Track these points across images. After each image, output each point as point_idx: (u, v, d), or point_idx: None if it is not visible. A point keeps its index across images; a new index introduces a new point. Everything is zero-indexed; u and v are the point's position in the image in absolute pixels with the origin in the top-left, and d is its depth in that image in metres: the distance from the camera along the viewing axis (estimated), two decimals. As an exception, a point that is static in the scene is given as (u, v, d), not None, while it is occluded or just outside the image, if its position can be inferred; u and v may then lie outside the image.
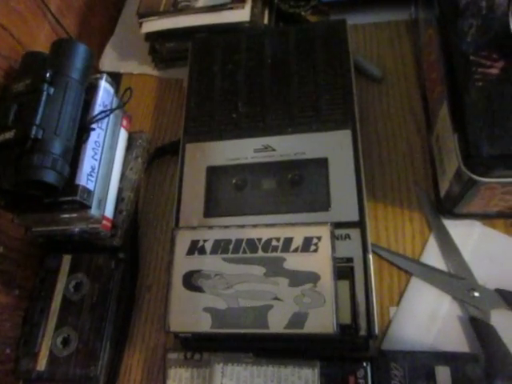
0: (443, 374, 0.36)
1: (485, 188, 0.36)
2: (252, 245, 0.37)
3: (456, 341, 0.39)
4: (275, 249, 0.37)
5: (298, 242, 0.37)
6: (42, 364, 0.43)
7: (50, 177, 0.37)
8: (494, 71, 0.35)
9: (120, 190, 0.46)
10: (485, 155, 0.33)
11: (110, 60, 0.58)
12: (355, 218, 0.38)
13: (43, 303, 0.45)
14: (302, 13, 0.53)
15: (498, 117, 0.33)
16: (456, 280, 0.41)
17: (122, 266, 0.46)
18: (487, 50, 0.36)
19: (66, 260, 0.46)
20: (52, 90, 0.39)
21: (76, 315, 0.44)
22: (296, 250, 0.36)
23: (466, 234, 0.43)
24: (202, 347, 0.39)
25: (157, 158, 0.52)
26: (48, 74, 0.39)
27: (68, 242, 0.46)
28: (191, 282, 0.37)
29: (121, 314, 0.45)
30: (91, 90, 0.43)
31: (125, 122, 0.48)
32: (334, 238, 0.36)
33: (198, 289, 0.37)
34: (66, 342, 0.43)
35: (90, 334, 0.43)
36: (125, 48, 0.59)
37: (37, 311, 0.45)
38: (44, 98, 0.38)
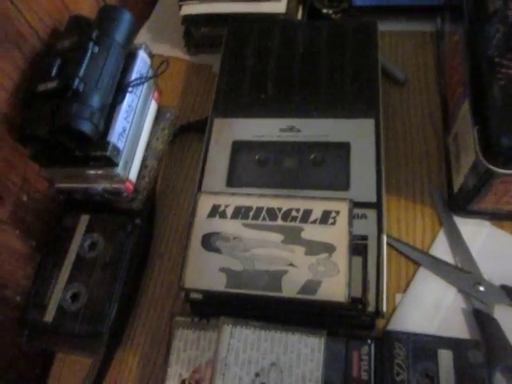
0: (445, 357, 0.37)
1: (499, 182, 0.38)
2: (272, 213, 0.39)
3: (458, 330, 0.40)
4: (294, 219, 0.38)
5: (317, 214, 0.38)
6: (49, 316, 0.43)
7: (86, 126, 0.38)
8: (517, 72, 0.37)
9: (145, 157, 0.47)
10: (504, 146, 0.35)
11: (143, 41, 0.60)
12: (373, 199, 0.40)
13: (57, 258, 0.46)
14: (333, 15, 0.56)
15: (518, 112, 0.35)
16: (463, 273, 0.42)
17: (138, 231, 0.47)
18: (511, 53, 0.38)
19: (84, 219, 0.47)
20: (97, 49, 0.41)
21: (88, 273, 0.45)
22: (314, 222, 0.38)
23: (475, 232, 0.44)
24: (210, 312, 0.40)
25: (181, 134, 0.53)
26: (95, 34, 0.41)
27: (87, 202, 0.47)
28: (210, 242, 0.38)
29: (131, 277, 0.46)
30: (130, 58, 0.45)
31: (156, 95, 0.50)
32: (351, 213, 0.38)
33: (216, 250, 0.38)
34: (75, 297, 0.44)
35: (99, 292, 0.44)
36: (159, 30, 0.61)
37: (50, 265, 0.45)
38: (89, 54, 0.40)
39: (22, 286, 0.45)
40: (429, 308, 0.42)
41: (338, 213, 0.38)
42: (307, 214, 0.38)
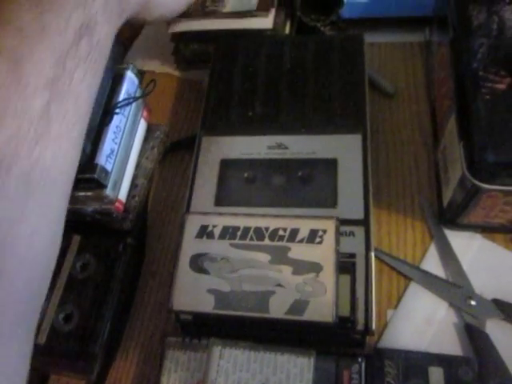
0: (436, 374, 0.37)
1: (486, 196, 0.38)
2: (259, 233, 0.39)
3: (450, 346, 0.40)
4: (281, 238, 0.38)
5: (303, 233, 0.38)
6: (42, 337, 0.44)
7: (72, 151, 0.38)
8: (501, 86, 0.37)
9: (134, 177, 0.48)
10: (488, 161, 0.35)
11: (134, 58, 0.61)
12: (360, 216, 0.40)
13: (49, 279, 0.46)
14: (322, 28, 0.56)
15: (502, 126, 0.35)
16: (454, 288, 0.42)
17: (129, 250, 0.47)
18: (496, 67, 0.38)
19: (75, 240, 0.47)
20: (82, 72, 0.41)
21: (80, 294, 0.45)
22: (301, 241, 0.38)
23: (466, 245, 0.44)
24: (201, 332, 0.40)
25: (171, 152, 0.53)
26: (80, 57, 0.41)
27: (78, 223, 0.47)
28: (198, 263, 0.38)
29: (124, 297, 0.46)
30: (117, 79, 0.46)
31: (145, 114, 0.50)
32: (338, 231, 0.38)
33: (204, 271, 0.38)
34: (67, 318, 0.44)
35: (91, 312, 0.44)
36: (149, 48, 0.61)
37: (42, 286, 0.46)
38: (74, 78, 0.40)
39: (14, 308, 0.45)
40: (420, 323, 0.41)
41: (324, 231, 0.38)
42: (294, 233, 0.38)
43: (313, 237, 0.38)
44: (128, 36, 0.62)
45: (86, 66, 0.33)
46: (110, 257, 0.46)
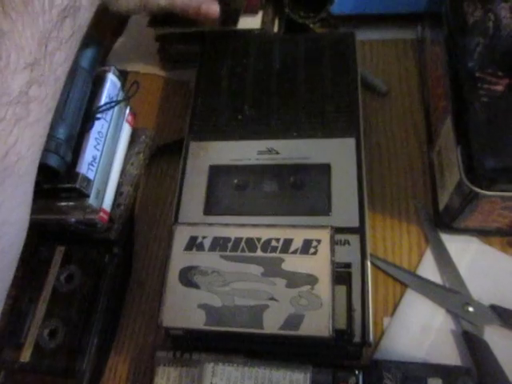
0: (435, 386, 0.36)
1: (485, 202, 0.36)
2: (251, 244, 0.37)
3: (448, 354, 0.39)
4: (274, 249, 0.37)
5: (297, 243, 0.36)
6: (26, 355, 0.42)
7: (52, 160, 0.36)
8: (499, 88, 0.36)
9: (119, 184, 0.46)
10: (487, 168, 0.34)
11: (117, 58, 0.59)
12: (355, 224, 0.38)
13: (33, 293, 0.44)
14: (311, 24, 0.54)
15: (501, 131, 0.34)
16: (451, 294, 0.41)
17: (116, 260, 0.45)
18: (493, 67, 0.37)
19: (59, 251, 0.45)
20: (61, 77, 0.39)
21: (65, 307, 0.43)
22: (295, 252, 0.36)
23: (463, 249, 0.43)
24: (192, 347, 0.39)
25: (158, 157, 0.51)
26: (58, 61, 0.39)
27: (62, 233, 0.45)
28: (187, 277, 0.37)
29: (111, 310, 0.44)
30: (98, 82, 0.43)
31: (129, 118, 0.48)
32: (333, 241, 0.36)
33: (194, 285, 0.36)
34: (52, 334, 0.42)
35: (78, 327, 0.42)
36: (133, 47, 0.59)
37: (25, 301, 0.44)
38: (52, 83, 0.38)
39: (-5, 325, 0.43)
40: (417, 331, 0.40)
41: (319, 241, 0.36)
42: (287, 243, 0.37)
43: (307, 247, 0.36)
44: (110, 35, 0.60)
45: (67, 50, 0.31)
46: (96, 268, 0.45)
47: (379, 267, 0.43)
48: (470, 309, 0.40)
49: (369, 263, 0.37)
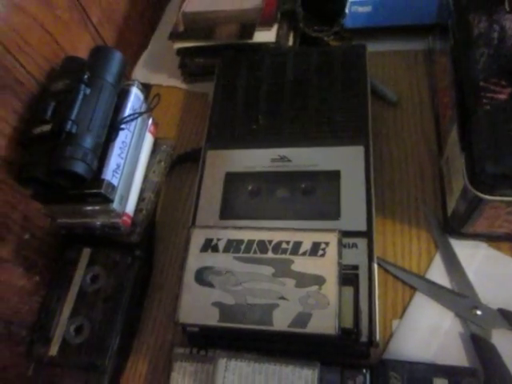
0: (441, 386, 0.37)
1: (489, 207, 0.38)
2: (263, 246, 0.39)
3: (456, 356, 0.40)
4: (284, 251, 0.39)
5: (306, 246, 0.38)
6: (54, 350, 0.45)
7: (79, 168, 0.39)
8: (502, 96, 0.37)
9: (142, 190, 0.48)
10: (489, 173, 0.35)
11: (142, 71, 0.62)
12: (363, 228, 0.40)
13: (60, 292, 0.47)
14: (325, 38, 0.56)
15: (503, 138, 0.35)
16: (459, 298, 0.42)
17: (138, 263, 0.48)
18: (497, 77, 0.38)
19: (86, 253, 0.49)
20: (88, 91, 0.42)
21: (90, 306, 0.46)
22: (304, 254, 0.38)
23: (472, 254, 0.44)
24: (207, 343, 0.41)
25: (178, 165, 0.54)
26: (86, 76, 0.42)
27: (88, 236, 0.48)
28: (203, 277, 0.39)
29: (132, 309, 0.47)
30: (123, 95, 0.47)
31: (152, 128, 0.51)
32: (341, 244, 0.38)
33: (209, 284, 0.39)
34: (78, 331, 0.45)
35: (101, 324, 0.45)
36: (156, 61, 0.62)
37: (54, 299, 0.47)
38: (80, 96, 0.41)
39: (27, 320, 0.46)
40: (426, 334, 0.41)
41: (327, 244, 0.38)
42: (297, 245, 0.38)
43: (315, 249, 0.38)
44: (134, 50, 0.63)
45: None
46: (119, 269, 0.47)
47: (389, 271, 0.44)
48: (478, 312, 0.41)
49: (375, 266, 0.39)
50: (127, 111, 0.46)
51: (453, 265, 0.44)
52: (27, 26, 0.44)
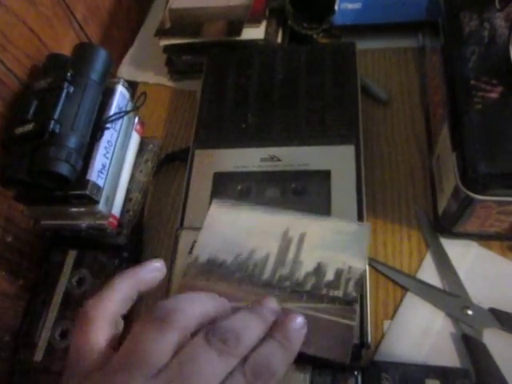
0: (433, 387, 0.37)
1: (480, 206, 0.37)
2: (252, 248, 0.38)
3: (448, 357, 0.40)
4: (274, 253, 0.38)
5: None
6: (39, 355, 0.44)
7: (63, 168, 0.38)
8: (494, 95, 0.37)
9: (128, 191, 0.48)
10: (480, 173, 0.34)
11: (127, 69, 0.61)
12: (354, 228, 0.40)
13: (45, 295, 0.46)
14: (314, 35, 0.56)
15: (494, 137, 0.35)
16: (450, 297, 0.42)
17: (125, 265, 0.47)
18: (488, 75, 0.38)
19: (71, 255, 0.47)
20: (72, 89, 0.41)
21: (76, 309, 0.45)
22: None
23: (463, 253, 0.44)
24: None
25: (166, 164, 0.53)
26: (69, 74, 0.41)
27: (74, 238, 0.47)
28: (191, 280, 0.38)
29: (120, 312, 0.46)
30: (108, 93, 0.46)
31: (138, 127, 0.50)
32: (332, 245, 0.37)
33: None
34: (63, 335, 0.44)
35: (88, 328, 0.44)
36: (142, 58, 0.61)
37: (39, 303, 0.46)
38: (64, 95, 0.40)
39: (10, 325, 0.45)
40: (417, 334, 0.41)
41: (318, 245, 0.37)
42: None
43: (306, 251, 0.37)
44: (119, 48, 0.62)
45: None
46: (106, 271, 0.46)
47: (380, 271, 0.44)
48: (470, 312, 0.41)
49: (367, 267, 0.38)
50: (113, 110, 0.45)
51: (444, 264, 0.43)
52: (8, 23, 0.43)
